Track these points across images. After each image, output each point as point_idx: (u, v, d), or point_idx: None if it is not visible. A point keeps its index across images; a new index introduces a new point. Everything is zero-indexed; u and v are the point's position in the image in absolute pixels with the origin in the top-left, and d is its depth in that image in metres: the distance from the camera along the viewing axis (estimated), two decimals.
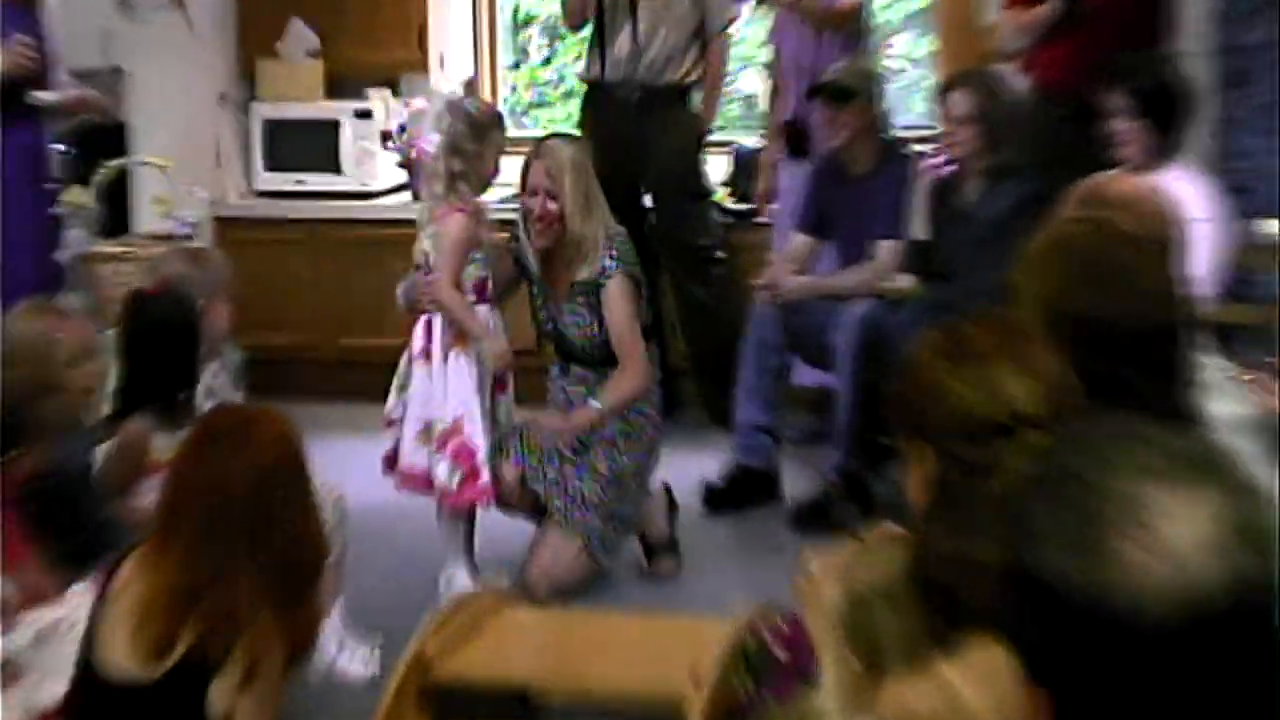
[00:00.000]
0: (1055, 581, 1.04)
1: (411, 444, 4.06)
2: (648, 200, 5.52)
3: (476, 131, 4.05)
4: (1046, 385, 1.74)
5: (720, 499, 4.75)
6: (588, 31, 5.48)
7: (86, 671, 2.33)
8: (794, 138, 5.30)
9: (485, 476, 4.00)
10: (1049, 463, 1.12)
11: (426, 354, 4.06)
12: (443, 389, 4.02)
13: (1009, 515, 1.11)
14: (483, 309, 4.09)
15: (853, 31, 5.26)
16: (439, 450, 4.00)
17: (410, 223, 4.33)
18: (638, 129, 5.32)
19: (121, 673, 2.28)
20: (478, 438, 3.99)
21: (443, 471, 4.00)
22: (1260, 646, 1.03)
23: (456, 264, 4.02)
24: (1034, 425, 1.69)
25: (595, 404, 4.04)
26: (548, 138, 4.21)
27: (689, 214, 5.49)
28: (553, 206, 4.01)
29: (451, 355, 4.02)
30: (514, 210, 4.29)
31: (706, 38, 5.40)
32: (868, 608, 1.75)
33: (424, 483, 4.05)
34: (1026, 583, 1.07)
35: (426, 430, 4.03)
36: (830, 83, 4.81)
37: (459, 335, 4.02)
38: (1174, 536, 1.02)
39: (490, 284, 4.12)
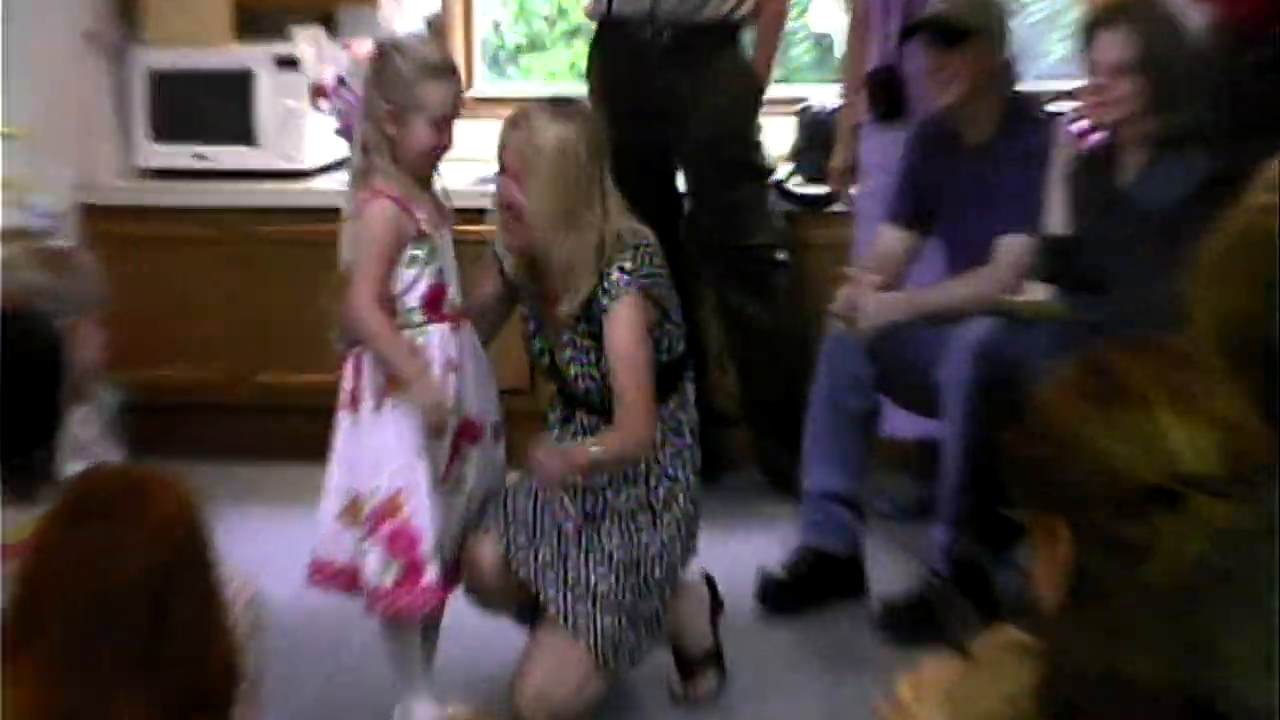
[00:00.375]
0: (1244, 714, 1.05)
1: (332, 525, 4.03)
2: (682, 182, 5.54)
3: (398, 86, 3.95)
4: (1226, 436, 1.75)
5: (782, 594, 4.78)
6: None
7: None
8: (885, 93, 5.32)
9: (431, 574, 3.95)
10: (1231, 545, 1.12)
11: (354, 400, 4.03)
12: (374, 450, 3.99)
13: (1176, 617, 1.12)
14: (435, 331, 4.02)
15: None
16: (369, 535, 3.96)
17: None
18: (666, 83, 5.35)
19: None
20: (422, 518, 3.95)
21: (373, 565, 3.95)
22: None
23: (375, 271, 3.94)
24: (1209, 491, 1.70)
25: (595, 449, 3.98)
26: (542, 101, 4.08)
27: (739, 200, 5.52)
28: (518, 197, 3.97)
29: (387, 403, 3.97)
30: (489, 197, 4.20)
31: None
32: None
33: (346, 580, 4.03)
34: (1202, 713, 1.07)
35: (352, 507, 4.01)
36: (936, 17, 4.83)
37: (393, 375, 3.97)
38: None
39: (449, 296, 4.05)
